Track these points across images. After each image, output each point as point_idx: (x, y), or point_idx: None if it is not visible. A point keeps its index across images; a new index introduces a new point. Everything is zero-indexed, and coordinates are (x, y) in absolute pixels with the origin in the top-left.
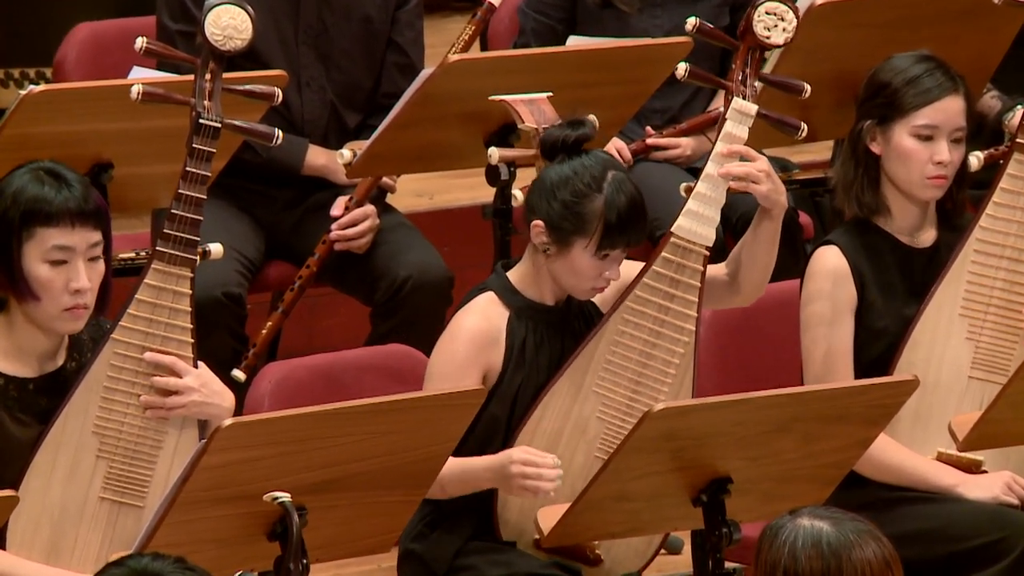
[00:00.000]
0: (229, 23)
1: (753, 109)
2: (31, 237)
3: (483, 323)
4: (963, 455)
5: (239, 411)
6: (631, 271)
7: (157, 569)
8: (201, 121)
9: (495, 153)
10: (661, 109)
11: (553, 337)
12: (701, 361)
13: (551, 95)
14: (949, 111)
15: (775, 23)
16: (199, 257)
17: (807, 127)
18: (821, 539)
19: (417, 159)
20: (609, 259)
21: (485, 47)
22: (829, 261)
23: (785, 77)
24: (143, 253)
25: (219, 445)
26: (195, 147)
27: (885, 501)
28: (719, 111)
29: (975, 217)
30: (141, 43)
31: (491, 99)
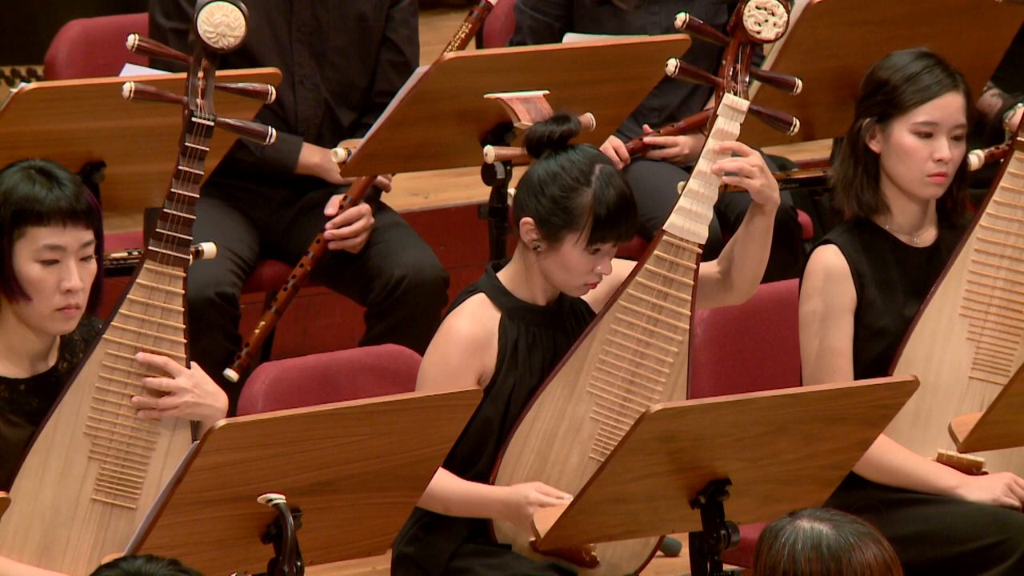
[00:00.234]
0: (222, 20)
1: (744, 105)
2: (22, 236)
3: (475, 328)
4: (964, 456)
5: (232, 412)
6: (623, 270)
7: (151, 571)
8: (194, 119)
9: (491, 152)
10: (658, 107)
11: (545, 338)
12: (699, 361)
13: (547, 93)
14: (949, 108)
15: (765, 18)
16: (192, 256)
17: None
18: (821, 541)
19: (412, 158)
20: (600, 253)
21: (481, 45)
22: (828, 260)
23: (776, 73)
24: (135, 252)
25: (212, 446)
26: (188, 145)
27: (885, 503)
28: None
29: (975, 216)
30: (133, 40)
31: (487, 97)
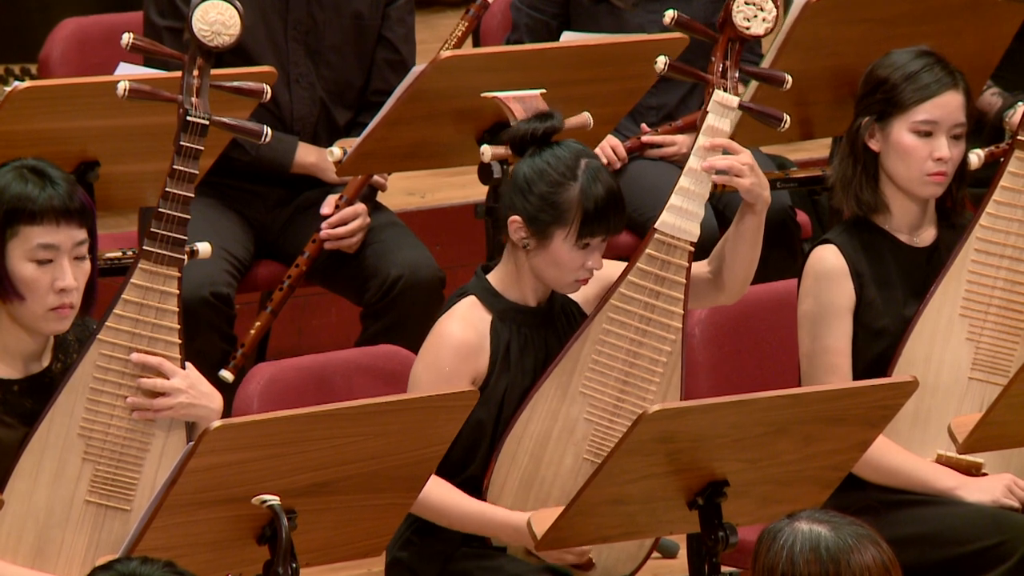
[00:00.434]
0: (217, 19)
1: (735, 101)
2: (15, 236)
3: (467, 332)
4: (963, 457)
5: (227, 413)
6: (614, 271)
7: (146, 573)
8: (189, 118)
9: (487, 151)
10: (656, 106)
11: (537, 339)
12: (698, 362)
13: (544, 92)
14: (948, 107)
15: (755, 13)
16: (187, 256)
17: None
18: (819, 543)
19: (408, 157)
20: (590, 248)
21: (478, 43)
22: (827, 260)
23: (766, 69)
24: (130, 252)
25: (207, 447)
26: (183, 144)
27: (884, 504)
28: None
29: (975, 216)
30: (128, 39)
31: (483, 96)
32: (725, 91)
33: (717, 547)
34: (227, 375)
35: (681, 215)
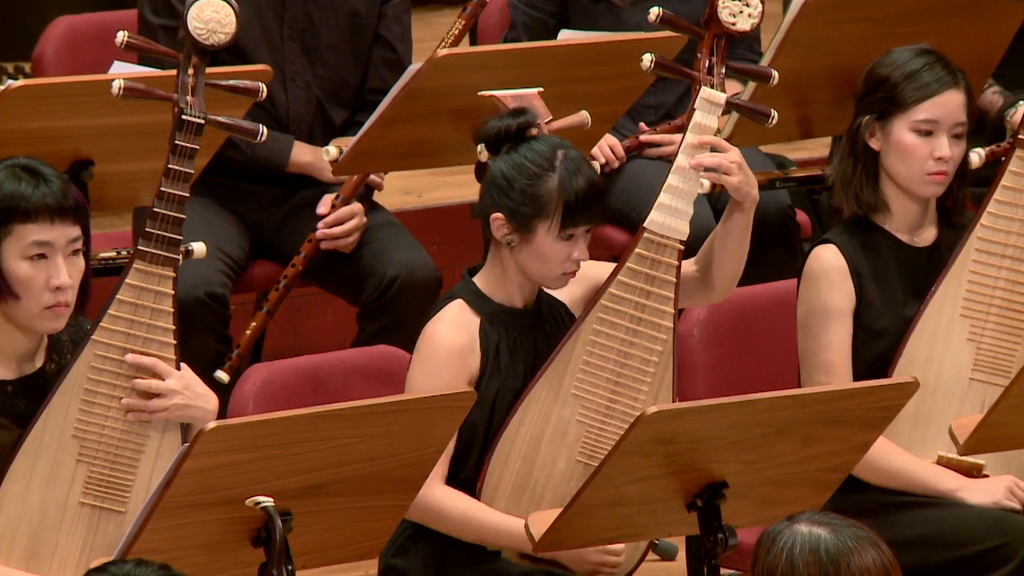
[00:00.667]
0: (212, 17)
1: (722, 98)
2: (9, 234)
3: (459, 335)
4: (964, 459)
5: (223, 414)
6: (603, 272)
7: (140, 575)
8: (184, 117)
9: (484, 150)
10: (655, 105)
11: (526, 341)
12: (696, 362)
13: (542, 90)
14: (949, 105)
15: (740, 9)
16: (182, 256)
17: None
18: (819, 546)
19: (405, 156)
20: (574, 239)
21: (475, 41)
22: (827, 260)
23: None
24: (124, 252)
25: (202, 449)
26: (178, 144)
27: (884, 506)
28: None
29: (976, 215)
30: (122, 37)
31: (481, 95)
32: (712, 88)
33: (716, 549)
34: (222, 376)
35: (670, 214)
